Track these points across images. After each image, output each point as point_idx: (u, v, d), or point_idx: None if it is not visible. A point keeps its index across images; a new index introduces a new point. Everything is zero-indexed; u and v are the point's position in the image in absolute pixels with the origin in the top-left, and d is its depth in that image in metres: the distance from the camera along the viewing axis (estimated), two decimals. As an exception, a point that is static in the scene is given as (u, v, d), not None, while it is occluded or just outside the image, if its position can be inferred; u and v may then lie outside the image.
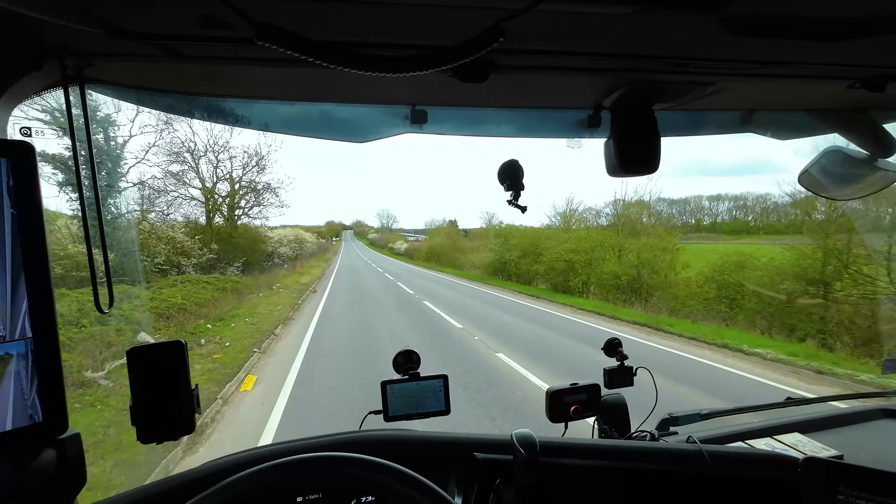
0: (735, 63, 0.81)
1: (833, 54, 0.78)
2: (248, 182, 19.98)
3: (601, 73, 0.84)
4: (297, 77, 0.81)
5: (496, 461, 0.84)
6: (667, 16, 0.62)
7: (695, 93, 0.92)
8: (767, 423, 1.25)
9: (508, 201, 0.97)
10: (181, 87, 0.84)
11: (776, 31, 0.67)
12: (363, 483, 0.57)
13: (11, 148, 0.58)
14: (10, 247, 0.57)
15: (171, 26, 0.62)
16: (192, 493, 0.54)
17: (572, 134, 1.12)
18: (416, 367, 1.07)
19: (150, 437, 0.75)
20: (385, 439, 0.87)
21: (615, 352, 1.27)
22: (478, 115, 1.08)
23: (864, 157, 1.19)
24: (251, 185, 19.97)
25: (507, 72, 0.78)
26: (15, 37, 0.64)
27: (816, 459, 0.73)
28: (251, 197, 20.14)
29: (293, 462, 0.56)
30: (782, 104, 1.11)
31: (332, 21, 0.61)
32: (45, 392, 0.60)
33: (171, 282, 11.96)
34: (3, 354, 0.57)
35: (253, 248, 19.14)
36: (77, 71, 0.71)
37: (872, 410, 1.35)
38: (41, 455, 0.65)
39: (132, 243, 10.18)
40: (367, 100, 0.94)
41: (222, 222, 18.66)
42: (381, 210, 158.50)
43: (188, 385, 0.77)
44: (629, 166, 0.96)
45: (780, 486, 0.85)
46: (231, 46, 0.67)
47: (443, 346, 7.76)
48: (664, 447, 0.93)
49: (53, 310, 0.61)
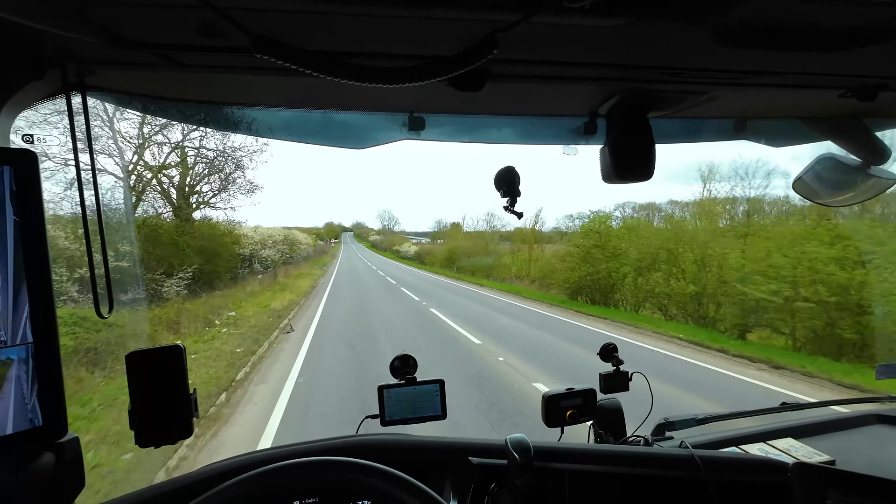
0: (728, 72, 0.82)
1: (824, 64, 0.79)
2: (214, 153, 13.08)
3: (596, 82, 0.85)
4: (295, 84, 0.82)
5: (491, 465, 0.84)
6: (660, 26, 0.63)
7: (689, 101, 0.94)
8: (761, 429, 1.26)
9: (505, 207, 0.98)
10: (181, 94, 0.85)
11: (768, 41, 0.68)
12: (360, 487, 0.58)
13: (14, 156, 0.59)
14: (11, 253, 0.58)
15: (170, 35, 0.64)
16: (190, 496, 0.55)
17: (568, 141, 1.13)
18: (412, 371, 1.08)
19: (149, 440, 0.76)
20: (381, 443, 0.88)
21: (611, 357, 1.28)
22: (475, 122, 1.09)
23: (857, 164, 1.20)
24: (216, 164, 13.41)
25: (503, 80, 0.79)
26: (17, 45, 0.65)
27: (807, 465, 0.74)
28: (215, 179, 13.68)
29: (291, 466, 0.57)
30: (776, 112, 1.13)
31: (329, 31, 0.62)
32: (46, 396, 0.61)
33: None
34: (4, 359, 0.58)
35: (216, 251, 13.31)
36: (79, 79, 0.72)
37: (865, 416, 1.36)
38: (40, 458, 0.65)
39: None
40: (366, 107, 0.95)
41: (171, 213, 12.72)
42: (383, 211, 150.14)
43: (186, 389, 0.78)
44: (624, 173, 0.97)
45: (771, 491, 0.86)
46: (229, 56, 0.68)
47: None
48: (657, 452, 0.93)
49: (54, 315, 0.62)
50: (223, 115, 0.93)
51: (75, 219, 7.65)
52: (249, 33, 0.53)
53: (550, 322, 10.79)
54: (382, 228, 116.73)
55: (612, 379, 1.26)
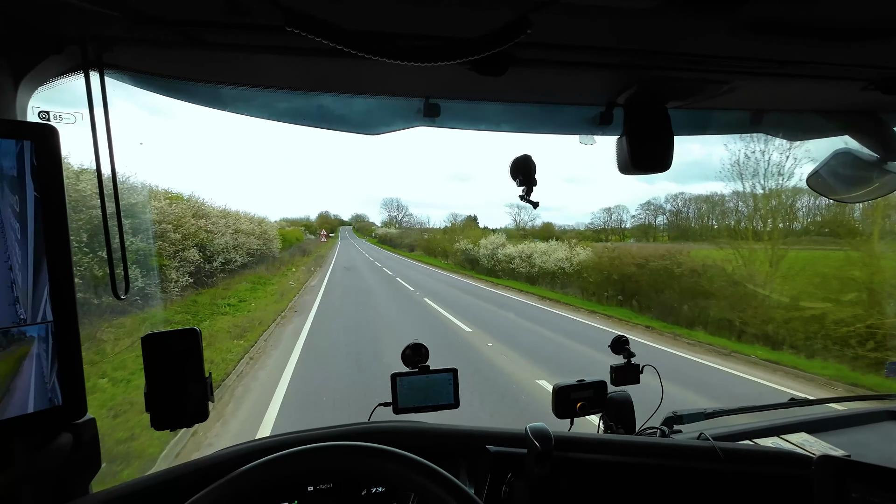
0: (750, 62, 0.81)
1: (848, 55, 0.79)
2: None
3: (616, 70, 0.84)
4: (315, 67, 0.81)
5: (509, 454, 0.84)
6: (684, 14, 0.63)
7: (708, 91, 0.93)
8: (773, 423, 1.26)
9: (521, 196, 0.97)
10: (198, 75, 0.85)
11: (791, 30, 0.68)
12: (377, 473, 0.57)
13: (35, 130, 0.58)
14: (32, 230, 0.58)
15: (194, 12, 0.63)
16: (205, 480, 0.54)
17: (585, 130, 1.12)
18: (424, 360, 1.07)
19: (164, 423, 0.76)
20: (396, 430, 0.87)
21: (622, 349, 1.28)
22: (490, 109, 1.08)
23: (874, 159, 1.19)
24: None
25: (525, 66, 0.78)
26: (37, 19, 0.64)
27: (830, 457, 0.73)
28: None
29: (310, 451, 0.56)
30: (794, 105, 1.12)
31: (357, 11, 0.61)
32: (65, 376, 0.61)
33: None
34: (26, 337, 0.57)
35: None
36: (97, 56, 0.71)
37: (878, 412, 1.35)
38: (59, 439, 0.65)
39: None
40: (383, 91, 0.94)
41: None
42: (389, 199, 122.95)
43: (202, 373, 0.77)
44: (641, 164, 0.96)
45: (789, 484, 0.85)
46: (253, 34, 0.67)
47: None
48: (677, 443, 0.93)
49: (74, 294, 0.61)
50: (240, 97, 0.92)
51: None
52: (281, 6, 0.52)
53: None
54: (389, 220, 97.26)
55: (623, 371, 1.26)
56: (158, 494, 0.71)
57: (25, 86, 0.68)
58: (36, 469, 0.63)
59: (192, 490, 0.53)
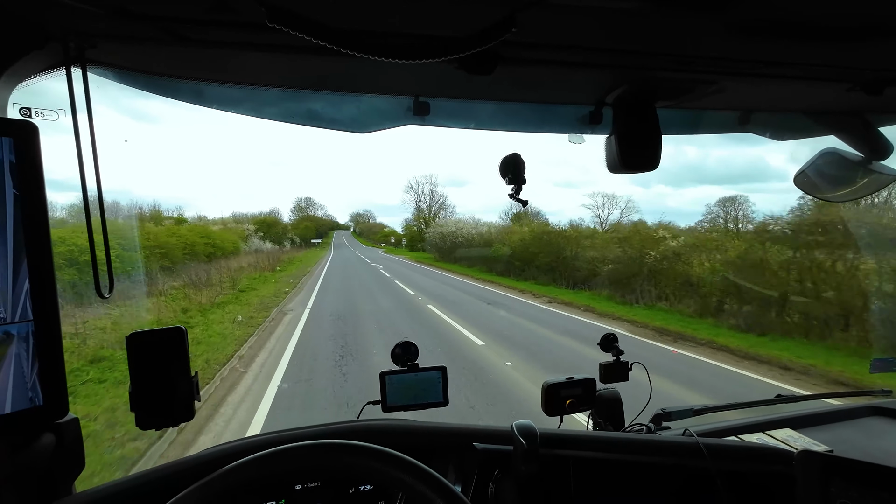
0: (738, 62, 0.82)
1: (834, 56, 0.79)
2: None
3: (605, 69, 0.84)
4: (302, 65, 0.80)
5: (496, 451, 0.84)
6: (673, 14, 0.63)
7: (696, 91, 0.93)
8: (759, 419, 1.27)
9: (510, 195, 0.97)
10: (184, 72, 0.84)
11: (779, 31, 0.68)
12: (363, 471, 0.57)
13: (14, 127, 0.57)
14: (11, 228, 0.57)
15: (177, 8, 0.62)
16: (191, 479, 0.54)
17: (574, 130, 1.12)
18: (414, 358, 1.07)
19: (149, 423, 0.75)
20: (383, 428, 0.87)
21: (611, 347, 1.29)
22: (480, 108, 1.08)
23: (859, 159, 1.20)
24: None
25: (514, 65, 0.78)
26: (17, 13, 0.63)
27: (811, 453, 0.74)
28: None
29: (295, 449, 0.56)
30: (782, 105, 1.13)
31: (342, 8, 0.60)
32: (46, 375, 0.60)
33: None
34: (3, 336, 0.56)
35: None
36: (80, 52, 0.70)
37: (860, 408, 1.38)
38: (41, 439, 0.64)
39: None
40: (372, 90, 0.93)
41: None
42: (423, 177, 71.99)
43: (188, 372, 0.77)
44: (630, 163, 0.97)
45: (773, 479, 0.87)
46: (237, 32, 0.66)
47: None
48: (662, 440, 0.94)
49: (55, 292, 0.60)
50: (226, 95, 0.91)
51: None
52: (263, 3, 0.51)
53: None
54: (419, 213, 51.55)
55: (612, 369, 1.26)
56: (143, 494, 0.71)
57: (6, 82, 0.67)
58: (18, 469, 0.62)
59: (175, 489, 0.52)
